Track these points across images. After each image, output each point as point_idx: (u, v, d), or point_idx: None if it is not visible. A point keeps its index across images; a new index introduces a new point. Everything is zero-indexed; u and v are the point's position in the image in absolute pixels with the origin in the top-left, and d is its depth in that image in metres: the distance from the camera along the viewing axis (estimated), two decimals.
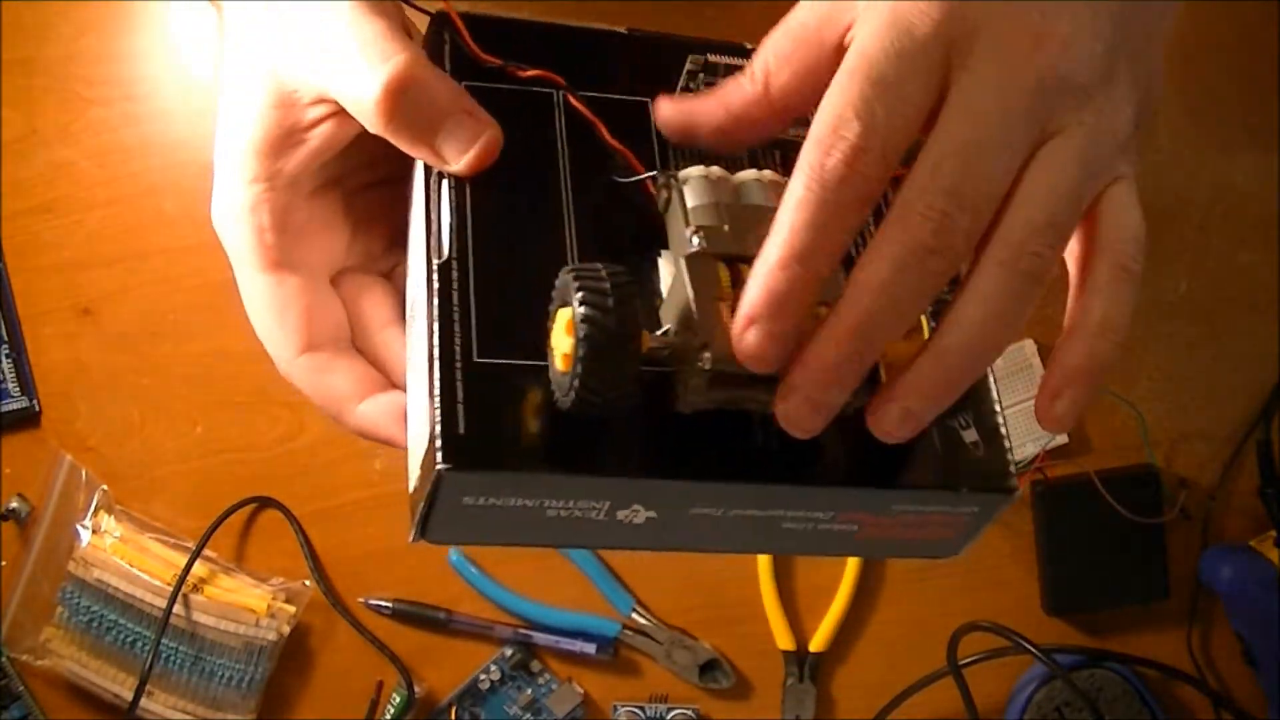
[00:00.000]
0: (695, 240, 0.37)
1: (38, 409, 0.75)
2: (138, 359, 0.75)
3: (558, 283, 0.36)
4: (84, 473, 0.74)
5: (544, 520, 0.38)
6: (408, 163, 0.43)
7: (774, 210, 0.36)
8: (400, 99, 0.39)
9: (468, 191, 0.40)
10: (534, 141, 0.42)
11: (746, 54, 0.44)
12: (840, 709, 0.76)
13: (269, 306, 0.44)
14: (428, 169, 0.41)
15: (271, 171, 0.42)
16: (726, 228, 0.37)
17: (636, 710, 0.76)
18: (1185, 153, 0.78)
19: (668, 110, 0.42)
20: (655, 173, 0.41)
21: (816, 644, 0.76)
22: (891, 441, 0.37)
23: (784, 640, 0.76)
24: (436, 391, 0.37)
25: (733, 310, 0.35)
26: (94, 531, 0.73)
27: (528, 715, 0.75)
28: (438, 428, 0.36)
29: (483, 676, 0.75)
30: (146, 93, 0.76)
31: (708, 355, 0.35)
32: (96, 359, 0.75)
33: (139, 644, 0.72)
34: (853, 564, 0.75)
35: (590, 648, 0.75)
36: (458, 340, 0.38)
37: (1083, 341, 0.37)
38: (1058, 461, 0.75)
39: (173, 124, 0.76)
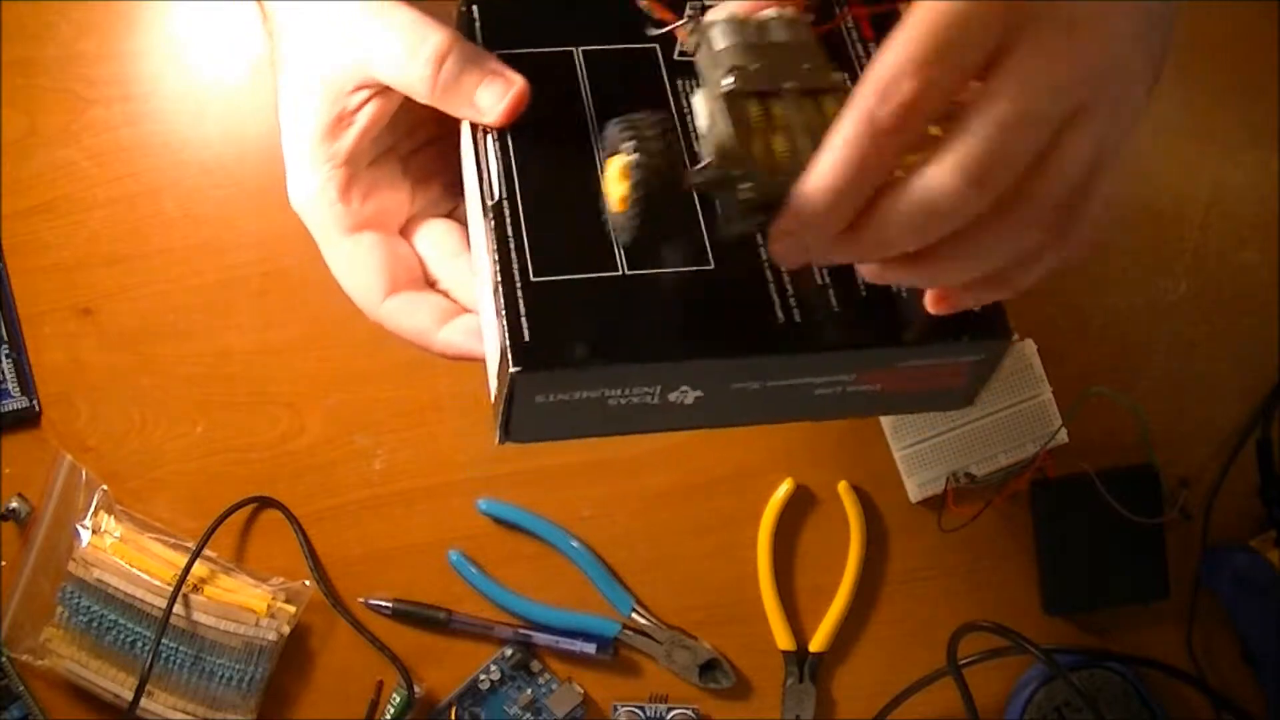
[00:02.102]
0: (727, 81, 0.40)
1: (38, 409, 0.75)
2: (138, 359, 0.75)
3: (605, 134, 0.42)
4: (84, 473, 0.74)
5: (606, 410, 0.44)
6: (450, 124, 0.49)
7: (797, 46, 0.41)
8: (442, 70, 0.46)
9: (510, 140, 0.47)
10: (561, 94, 0.48)
11: None
12: (840, 709, 0.76)
13: (352, 265, 0.50)
14: (473, 126, 0.48)
15: (331, 153, 0.49)
16: (754, 67, 0.41)
17: (636, 710, 0.76)
18: (1185, 153, 0.78)
19: None
20: (684, 20, 0.45)
21: (816, 644, 0.76)
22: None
23: (784, 640, 0.76)
24: (503, 309, 0.43)
25: (765, 140, 0.39)
26: (94, 531, 0.73)
27: (528, 715, 0.75)
28: (508, 339, 0.42)
29: (483, 676, 0.75)
30: (146, 93, 0.76)
31: (748, 185, 0.39)
32: (96, 359, 0.75)
33: (139, 644, 0.72)
34: (853, 564, 0.75)
35: (590, 648, 0.75)
36: (515, 265, 0.44)
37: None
38: (1058, 461, 0.75)
39: (173, 124, 0.76)
